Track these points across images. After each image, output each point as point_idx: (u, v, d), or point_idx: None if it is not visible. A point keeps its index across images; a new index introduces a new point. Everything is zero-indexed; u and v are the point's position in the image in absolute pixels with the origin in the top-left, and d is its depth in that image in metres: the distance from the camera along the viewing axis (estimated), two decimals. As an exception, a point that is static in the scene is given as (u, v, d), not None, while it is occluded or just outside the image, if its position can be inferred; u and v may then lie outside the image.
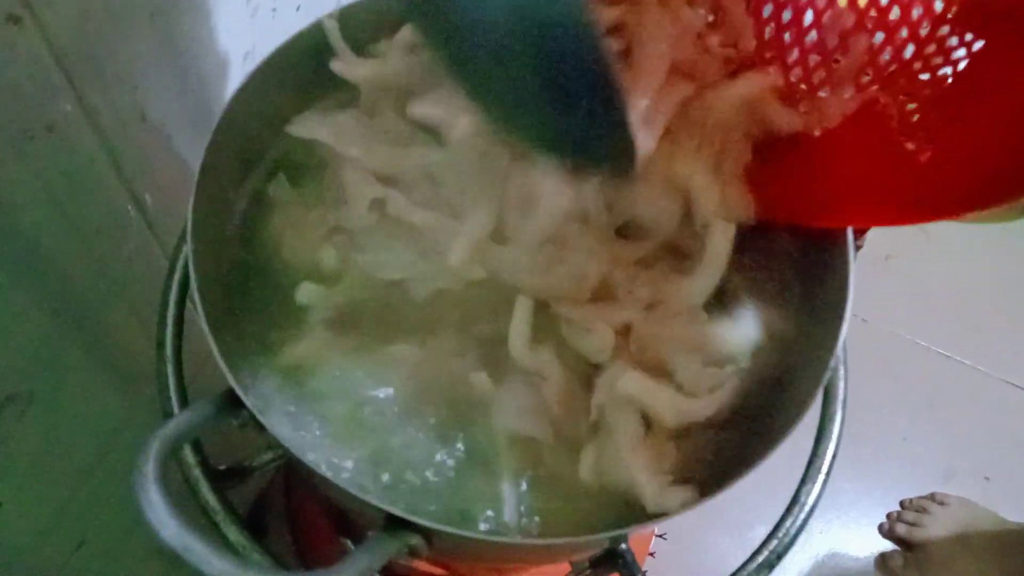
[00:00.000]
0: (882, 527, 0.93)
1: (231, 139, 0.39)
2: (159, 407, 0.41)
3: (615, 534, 0.36)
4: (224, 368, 0.32)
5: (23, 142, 0.39)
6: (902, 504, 0.94)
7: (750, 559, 0.40)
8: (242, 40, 0.52)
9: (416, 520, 0.29)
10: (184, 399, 0.40)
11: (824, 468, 0.42)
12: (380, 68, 0.41)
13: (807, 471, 0.42)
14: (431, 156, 0.38)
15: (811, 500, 0.41)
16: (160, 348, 0.40)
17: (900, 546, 0.90)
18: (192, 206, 0.35)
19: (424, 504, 0.38)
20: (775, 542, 0.40)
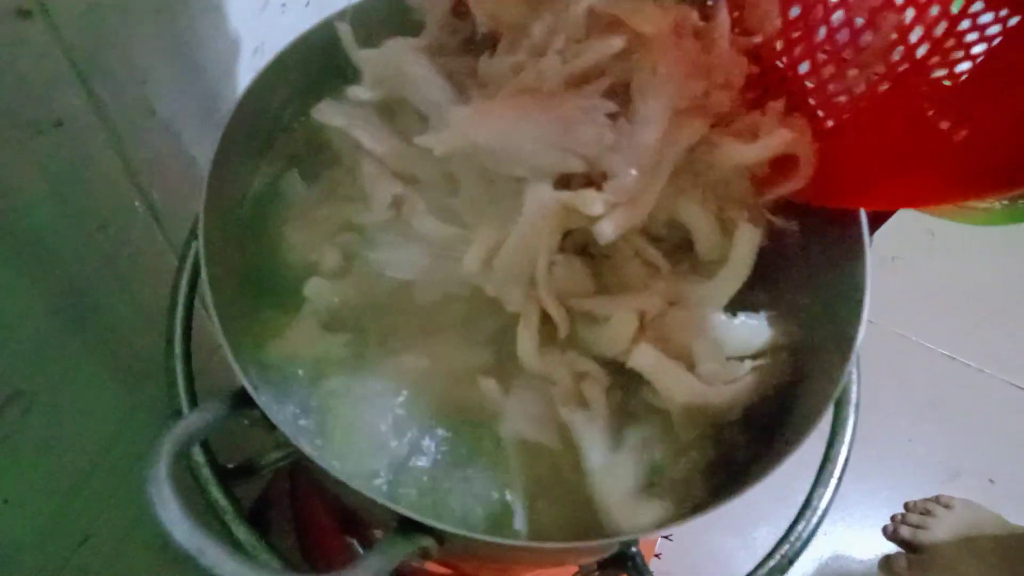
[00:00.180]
0: (886, 529, 0.92)
1: (243, 134, 0.38)
2: (163, 404, 0.40)
3: (626, 538, 0.36)
4: (235, 367, 0.32)
5: (31, 136, 0.38)
6: (906, 506, 0.93)
7: (762, 563, 0.39)
8: (252, 35, 0.51)
9: (430, 523, 0.29)
10: (193, 397, 0.39)
11: (837, 472, 0.41)
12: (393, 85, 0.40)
13: (819, 475, 0.42)
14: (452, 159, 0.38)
15: (823, 504, 0.41)
16: (169, 345, 0.40)
17: (904, 548, 0.90)
18: (204, 201, 0.34)
19: (434, 506, 0.38)
20: (787, 546, 0.40)
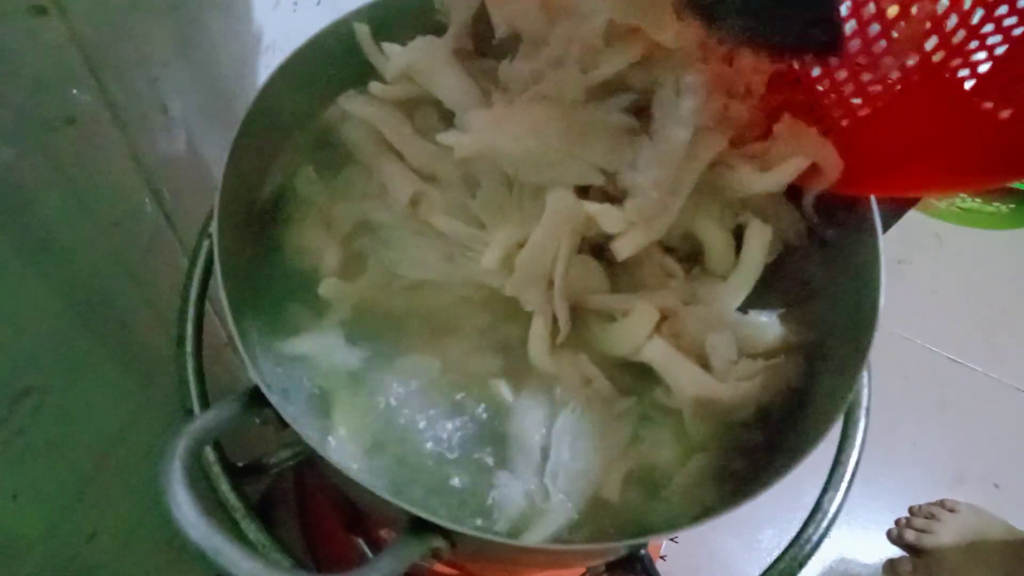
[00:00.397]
0: (891, 533, 0.92)
1: (259, 130, 0.38)
2: (172, 402, 0.40)
3: (636, 542, 0.36)
4: (249, 365, 0.32)
5: (45, 133, 0.38)
6: (911, 510, 0.93)
7: (772, 566, 0.39)
8: (263, 33, 0.51)
9: (443, 523, 0.29)
10: (204, 395, 0.39)
11: (847, 475, 0.41)
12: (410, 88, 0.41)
13: (830, 478, 0.41)
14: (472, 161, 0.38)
15: (834, 508, 0.41)
16: (180, 344, 0.40)
17: (909, 552, 0.90)
18: (218, 199, 0.34)
19: (443, 507, 0.38)
20: (796, 549, 0.40)
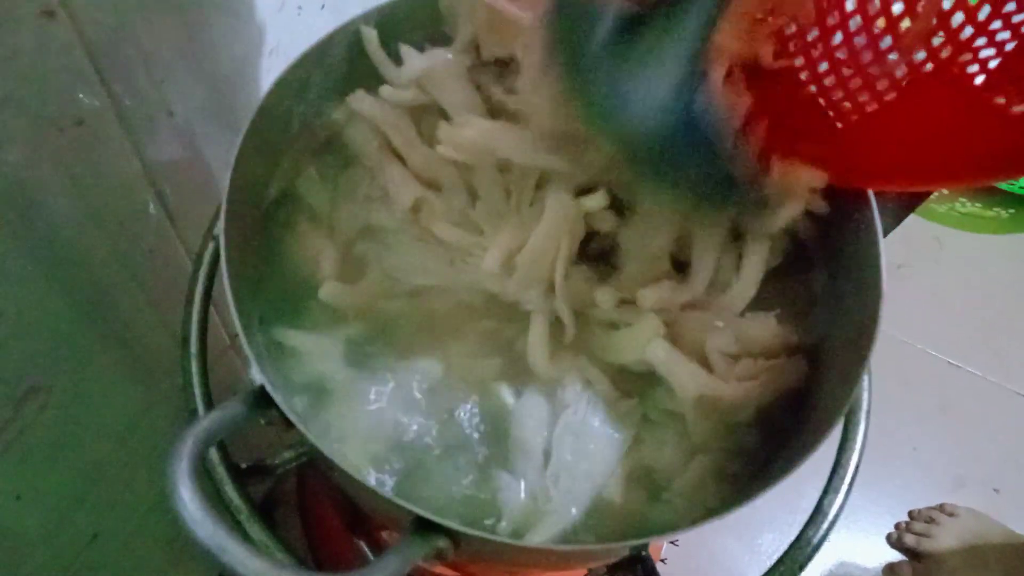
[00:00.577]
0: (890, 537, 0.92)
1: (265, 133, 0.38)
2: (176, 402, 0.41)
3: (638, 543, 0.36)
4: (255, 366, 0.32)
5: (53, 135, 0.39)
6: (911, 514, 0.93)
7: (772, 569, 0.39)
8: (268, 37, 0.51)
9: (448, 524, 0.29)
10: (208, 396, 0.40)
11: (848, 478, 0.41)
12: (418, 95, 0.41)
13: (830, 481, 0.41)
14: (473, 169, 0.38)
15: (834, 510, 0.41)
16: (185, 345, 0.40)
17: (908, 556, 0.90)
18: (225, 201, 0.34)
19: (446, 508, 0.38)
20: (797, 552, 0.40)
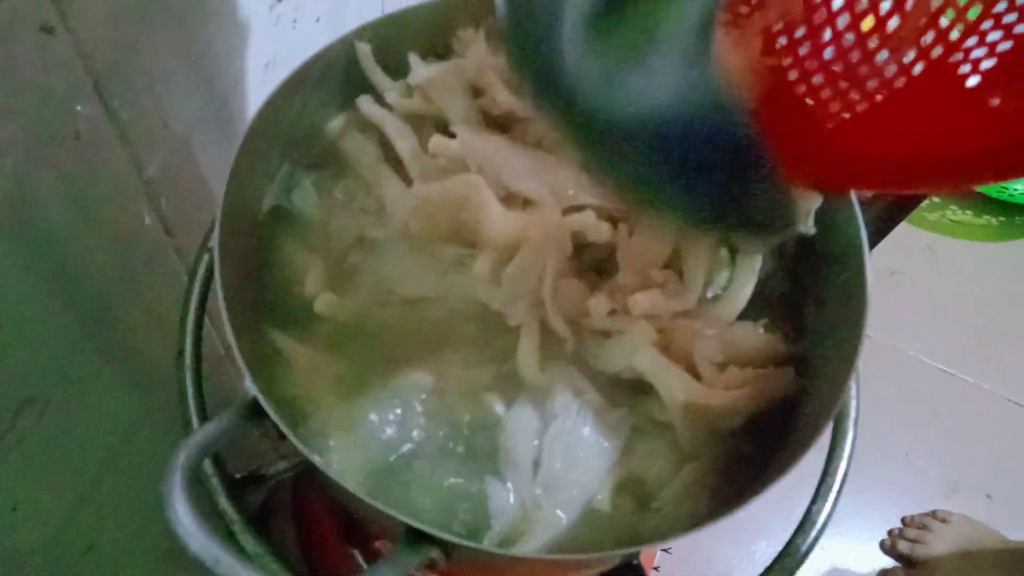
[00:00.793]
0: (883, 543, 0.93)
1: (260, 145, 0.39)
2: (171, 413, 0.41)
3: (628, 551, 0.36)
4: (249, 378, 0.32)
5: (52, 147, 0.39)
6: (904, 521, 0.94)
7: (761, 577, 0.40)
8: (263, 50, 0.52)
9: (439, 534, 0.29)
10: (203, 408, 0.40)
11: (836, 486, 0.42)
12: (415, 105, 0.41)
13: (819, 489, 0.42)
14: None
15: (822, 518, 0.41)
16: (180, 357, 0.41)
17: (901, 563, 0.90)
18: (220, 213, 0.35)
19: (439, 519, 0.39)
20: (786, 559, 0.40)
